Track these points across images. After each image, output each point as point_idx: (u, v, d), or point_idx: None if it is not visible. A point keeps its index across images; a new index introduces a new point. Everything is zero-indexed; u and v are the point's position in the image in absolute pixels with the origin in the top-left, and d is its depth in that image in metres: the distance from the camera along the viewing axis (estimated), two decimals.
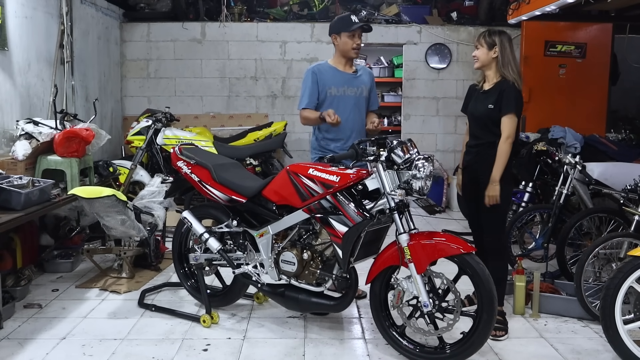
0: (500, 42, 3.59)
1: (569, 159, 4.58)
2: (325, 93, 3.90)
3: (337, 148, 3.90)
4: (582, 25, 6.98)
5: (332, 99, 3.90)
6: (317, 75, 3.90)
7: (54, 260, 4.79)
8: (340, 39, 3.87)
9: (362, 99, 3.97)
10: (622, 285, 3.10)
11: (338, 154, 3.30)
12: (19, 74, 4.80)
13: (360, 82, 3.98)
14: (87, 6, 6.17)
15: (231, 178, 3.68)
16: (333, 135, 3.92)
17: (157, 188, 4.94)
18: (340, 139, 3.92)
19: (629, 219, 4.10)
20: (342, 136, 3.91)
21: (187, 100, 7.51)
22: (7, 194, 3.76)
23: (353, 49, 3.87)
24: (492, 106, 3.58)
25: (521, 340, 3.55)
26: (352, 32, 3.82)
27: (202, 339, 3.51)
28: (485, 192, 3.58)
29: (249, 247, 3.69)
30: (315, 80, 3.89)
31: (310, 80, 3.89)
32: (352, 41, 3.85)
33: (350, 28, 3.81)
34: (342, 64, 3.96)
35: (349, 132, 3.91)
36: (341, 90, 3.90)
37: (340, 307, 3.41)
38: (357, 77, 3.98)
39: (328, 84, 3.89)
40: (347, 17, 3.88)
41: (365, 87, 3.99)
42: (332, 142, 3.94)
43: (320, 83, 3.88)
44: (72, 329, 3.65)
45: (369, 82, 4.05)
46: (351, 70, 3.99)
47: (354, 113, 3.93)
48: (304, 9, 7.70)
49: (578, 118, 6.44)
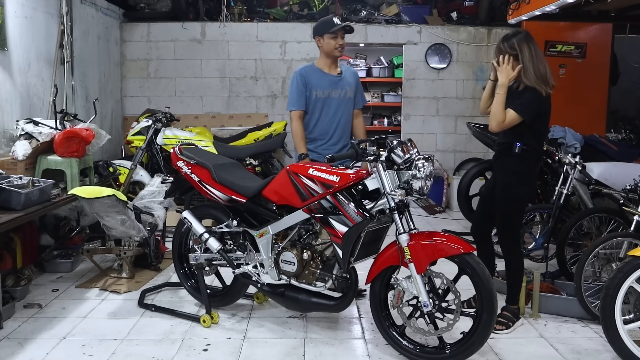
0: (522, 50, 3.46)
1: (569, 159, 4.58)
2: (312, 95, 4.05)
3: (321, 148, 4.08)
4: (582, 25, 6.98)
5: (318, 100, 4.06)
6: (304, 77, 4.05)
7: (54, 260, 4.79)
8: (324, 40, 4.02)
9: (347, 100, 4.13)
10: (622, 285, 3.10)
11: (338, 154, 3.31)
12: (19, 74, 4.80)
13: (345, 84, 4.13)
14: (87, 6, 6.17)
15: (231, 178, 3.68)
16: (316, 136, 4.11)
17: (157, 188, 4.94)
18: (325, 139, 4.10)
19: (629, 219, 4.10)
20: (328, 136, 4.10)
21: (187, 100, 7.51)
22: (7, 194, 3.76)
23: (336, 48, 4.01)
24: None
25: (521, 340, 3.55)
26: (334, 33, 3.97)
27: (202, 339, 3.51)
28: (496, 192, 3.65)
29: (249, 247, 3.69)
30: (304, 82, 4.04)
31: (298, 82, 4.05)
32: (335, 42, 4.00)
33: (332, 29, 3.96)
34: (327, 65, 4.11)
35: (334, 132, 4.10)
36: (326, 92, 4.06)
37: (340, 307, 3.41)
38: (342, 79, 4.13)
39: (314, 87, 4.05)
40: (329, 19, 4.04)
41: (350, 88, 4.15)
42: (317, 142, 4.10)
43: (307, 86, 4.04)
44: (72, 329, 3.65)
45: (354, 82, 4.20)
46: (336, 72, 4.14)
47: (339, 114, 4.10)
48: (304, 9, 7.70)
49: (578, 118, 6.43)
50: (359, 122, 4.33)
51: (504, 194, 3.64)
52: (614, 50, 7.09)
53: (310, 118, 4.10)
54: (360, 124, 4.34)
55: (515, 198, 3.64)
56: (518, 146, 3.55)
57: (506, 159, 3.63)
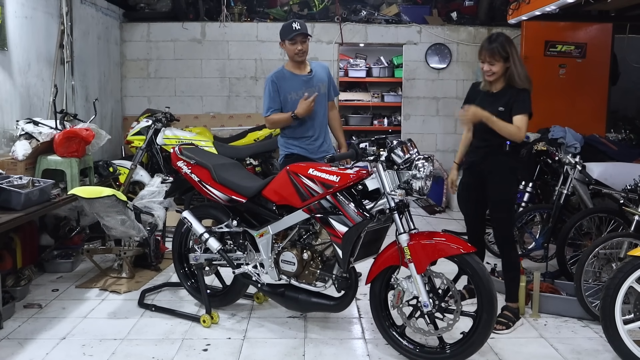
0: (511, 53, 3.57)
1: (569, 159, 4.58)
2: (287, 98, 4.12)
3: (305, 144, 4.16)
4: (582, 25, 6.97)
5: (293, 103, 4.10)
6: (276, 83, 4.12)
7: (54, 260, 4.79)
8: (286, 45, 4.10)
9: (321, 96, 4.18)
10: (622, 285, 3.10)
11: (338, 153, 3.31)
12: (19, 74, 4.80)
13: (317, 81, 4.19)
14: (87, 6, 6.17)
15: (231, 178, 3.68)
16: (299, 134, 4.17)
17: (157, 188, 4.94)
18: (305, 136, 4.17)
19: (629, 219, 4.10)
20: (308, 134, 4.17)
21: (187, 100, 7.51)
22: (7, 194, 3.76)
23: (296, 53, 4.08)
24: (503, 109, 3.58)
25: (521, 340, 3.55)
26: (293, 40, 4.04)
27: (202, 339, 3.51)
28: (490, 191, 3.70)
29: (249, 247, 3.69)
30: (276, 89, 4.11)
31: (270, 89, 4.13)
32: (294, 47, 4.06)
33: (290, 35, 4.04)
34: (296, 67, 4.18)
35: (312, 129, 4.16)
36: (300, 93, 4.11)
37: (340, 307, 3.41)
38: (313, 77, 4.19)
39: (288, 90, 4.12)
40: (288, 25, 4.10)
41: (323, 84, 4.21)
42: (298, 140, 4.17)
43: (280, 90, 4.12)
44: (72, 329, 3.65)
45: (325, 77, 4.26)
46: (306, 71, 4.20)
47: (315, 111, 4.12)
48: (304, 9, 7.70)
49: (578, 118, 6.43)
50: (334, 114, 4.42)
51: (503, 191, 3.68)
52: (614, 50, 7.09)
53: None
54: (335, 116, 4.44)
55: (513, 193, 3.79)
56: (508, 144, 3.64)
57: (498, 157, 3.68)
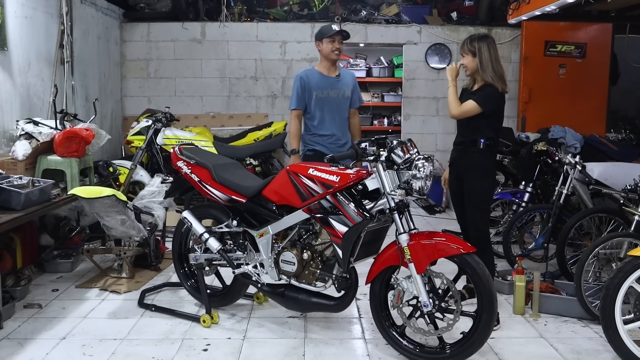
0: (479, 48, 3.73)
1: (569, 159, 4.58)
2: (312, 96, 4.44)
3: (328, 142, 4.46)
4: (582, 25, 6.98)
5: (317, 100, 4.45)
6: (304, 80, 4.45)
7: (54, 260, 4.79)
8: (323, 44, 4.42)
9: (344, 99, 4.54)
10: (622, 285, 3.10)
11: (339, 153, 3.32)
12: (19, 74, 4.80)
13: (343, 85, 4.53)
14: (87, 6, 6.17)
15: (231, 178, 3.68)
16: (320, 132, 4.49)
17: (157, 188, 4.94)
18: (325, 135, 4.48)
19: (629, 219, 4.10)
20: (327, 132, 4.48)
21: (187, 100, 7.51)
22: (7, 194, 3.76)
23: (333, 51, 4.40)
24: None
25: (521, 340, 3.55)
26: (331, 37, 4.37)
27: (202, 339, 3.51)
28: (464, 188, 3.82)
29: (249, 247, 3.69)
30: (303, 85, 4.44)
31: (298, 86, 4.45)
32: (332, 45, 4.39)
33: (329, 33, 4.38)
34: (327, 68, 4.50)
35: (336, 129, 4.50)
36: (325, 92, 4.46)
37: (340, 307, 3.41)
38: (340, 81, 4.53)
39: (314, 88, 4.44)
40: (328, 26, 4.51)
41: (348, 88, 4.54)
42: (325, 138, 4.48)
43: (307, 87, 4.44)
44: (72, 329, 3.65)
45: (351, 83, 4.60)
46: (335, 74, 4.53)
47: (336, 112, 4.50)
48: (304, 9, 7.70)
49: (578, 118, 6.44)
50: (355, 121, 4.70)
51: (474, 190, 3.78)
52: (614, 50, 7.10)
53: (314, 117, 4.48)
54: (356, 123, 4.73)
55: (485, 192, 3.85)
56: (482, 142, 3.74)
57: (472, 155, 3.79)
